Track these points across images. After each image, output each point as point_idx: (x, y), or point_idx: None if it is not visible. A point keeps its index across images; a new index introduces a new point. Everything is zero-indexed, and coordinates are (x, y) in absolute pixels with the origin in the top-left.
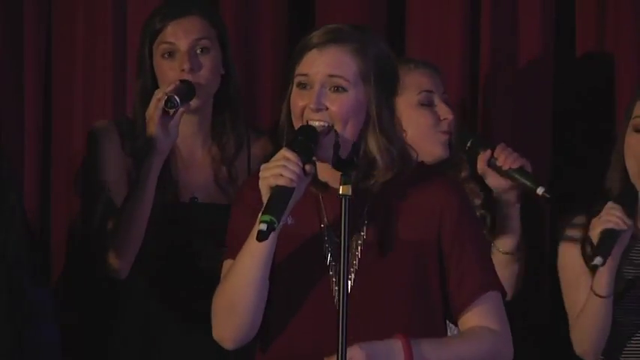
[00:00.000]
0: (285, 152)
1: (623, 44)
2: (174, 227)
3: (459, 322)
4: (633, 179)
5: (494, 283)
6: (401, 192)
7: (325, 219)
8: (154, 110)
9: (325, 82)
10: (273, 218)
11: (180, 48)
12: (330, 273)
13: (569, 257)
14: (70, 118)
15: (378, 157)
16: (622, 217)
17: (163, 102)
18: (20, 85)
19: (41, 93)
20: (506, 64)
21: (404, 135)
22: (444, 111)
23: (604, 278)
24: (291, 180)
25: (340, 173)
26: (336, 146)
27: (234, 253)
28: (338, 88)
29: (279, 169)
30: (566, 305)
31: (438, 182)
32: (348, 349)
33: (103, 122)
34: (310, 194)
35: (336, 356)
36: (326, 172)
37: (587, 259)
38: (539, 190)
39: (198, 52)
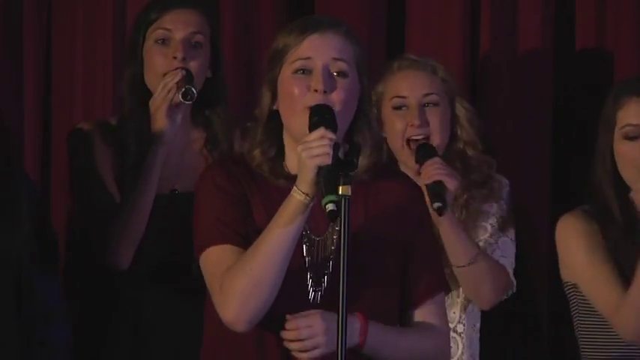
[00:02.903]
0: (325, 132)
1: (623, 41)
2: (157, 219)
3: (409, 317)
4: (633, 186)
5: (443, 284)
6: (370, 190)
7: None
8: (161, 101)
9: (329, 65)
10: (337, 197)
11: (176, 36)
12: (306, 266)
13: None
14: (70, 117)
15: (364, 144)
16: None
17: (179, 94)
18: (20, 84)
19: (41, 92)
20: (506, 62)
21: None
22: (410, 116)
23: None
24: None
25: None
26: (336, 146)
27: (227, 238)
28: (341, 73)
29: (327, 149)
30: (597, 297)
31: (401, 184)
32: (310, 316)
33: (85, 124)
34: (283, 189)
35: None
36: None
37: None
38: (435, 205)
39: (192, 45)
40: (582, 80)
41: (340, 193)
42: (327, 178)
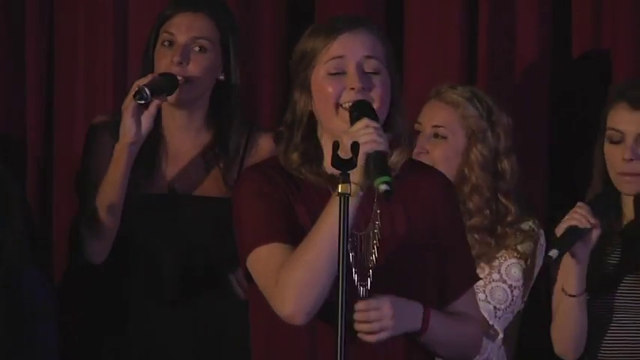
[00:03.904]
0: (369, 121)
1: (619, 42)
2: (153, 218)
3: (446, 309)
4: (615, 182)
5: (476, 274)
6: (406, 186)
7: None
8: (129, 101)
9: (362, 63)
10: (389, 177)
11: (178, 40)
12: (351, 261)
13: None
14: (72, 118)
15: (401, 140)
16: (586, 216)
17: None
18: (22, 85)
19: (43, 93)
20: (504, 62)
21: None
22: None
23: (573, 277)
24: (387, 145)
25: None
26: (335, 145)
27: (276, 237)
28: (374, 70)
29: (375, 136)
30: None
31: (433, 176)
32: (379, 300)
33: (100, 117)
34: (322, 189)
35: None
36: None
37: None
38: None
39: (196, 49)
40: (579, 81)
41: (340, 191)
42: (376, 162)
